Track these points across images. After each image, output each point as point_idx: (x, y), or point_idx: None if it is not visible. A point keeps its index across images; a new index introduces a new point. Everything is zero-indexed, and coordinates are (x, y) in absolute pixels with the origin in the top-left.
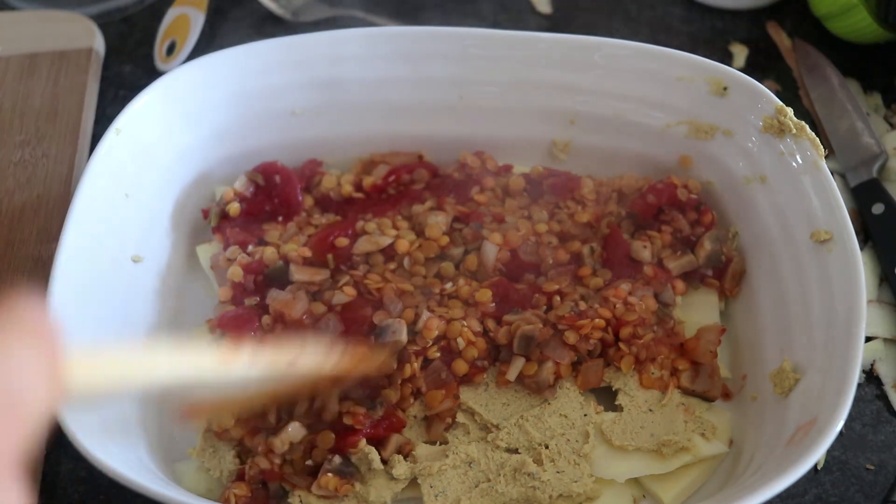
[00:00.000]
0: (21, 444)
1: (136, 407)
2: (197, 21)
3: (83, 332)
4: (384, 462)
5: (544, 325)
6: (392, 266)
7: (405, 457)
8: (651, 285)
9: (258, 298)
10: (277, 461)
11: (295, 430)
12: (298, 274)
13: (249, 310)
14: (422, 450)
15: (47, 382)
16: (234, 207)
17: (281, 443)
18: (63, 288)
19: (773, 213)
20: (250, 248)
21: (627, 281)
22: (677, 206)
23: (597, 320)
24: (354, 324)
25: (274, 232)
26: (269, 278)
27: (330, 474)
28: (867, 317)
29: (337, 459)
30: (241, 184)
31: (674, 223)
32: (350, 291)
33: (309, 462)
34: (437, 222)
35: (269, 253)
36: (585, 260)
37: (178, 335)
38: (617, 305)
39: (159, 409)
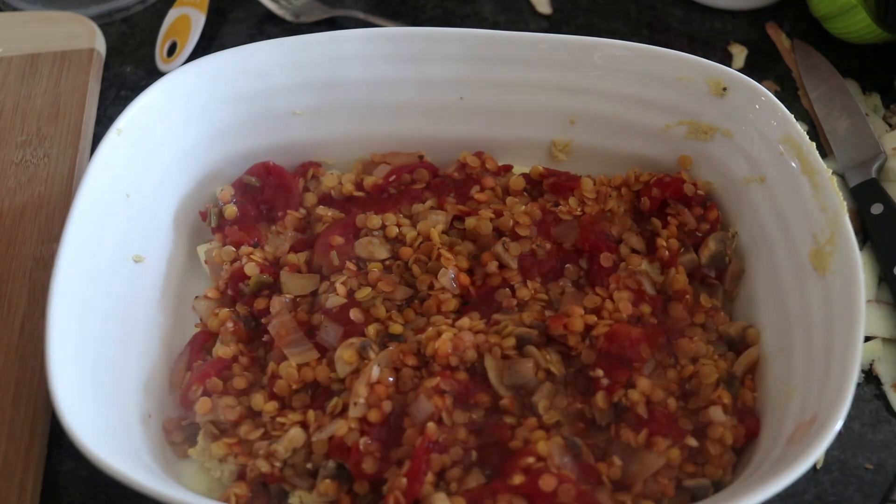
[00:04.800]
0: None
1: (138, 406)
2: (198, 22)
3: (84, 332)
4: None
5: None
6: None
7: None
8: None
9: (247, 307)
10: (278, 464)
11: (297, 435)
12: (288, 285)
13: (218, 360)
14: None
15: None
16: (230, 210)
17: (284, 449)
18: (64, 288)
19: (772, 214)
20: (246, 248)
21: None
22: (683, 200)
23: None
24: (353, 325)
25: (272, 236)
26: (251, 293)
27: (328, 480)
28: (866, 317)
29: (332, 464)
30: (236, 186)
31: (679, 217)
32: (342, 290)
33: (309, 465)
34: (436, 220)
35: (250, 268)
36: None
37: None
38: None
39: (160, 408)
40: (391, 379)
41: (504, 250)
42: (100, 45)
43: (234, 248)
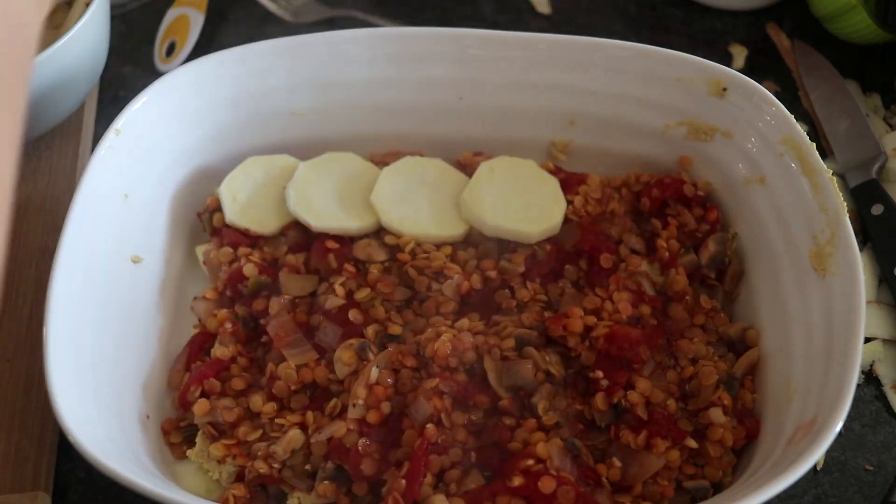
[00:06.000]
0: None
1: (136, 407)
2: (197, 22)
3: (83, 333)
4: None
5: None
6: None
7: None
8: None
9: (246, 307)
10: (277, 466)
11: (296, 437)
12: (287, 286)
13: (217, 361)
14: None
15: None
16: (219, 217)
17: (283, 450)
18: (62, 290)
19: (772, 215)
20: (244, 249)
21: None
22: (683, 201)
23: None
24: (352, 326)
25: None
26: (250, 294)
27: (326, 482)
28: (866, 318)
29: (330, 465)
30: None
31: (679, 217)
32: (341, 291)
33: (308, 467)
34: None
35: (249, 269)
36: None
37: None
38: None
39: (159, 409)
40: (390, 380)
41: None
42: None
43: (232, 249)
